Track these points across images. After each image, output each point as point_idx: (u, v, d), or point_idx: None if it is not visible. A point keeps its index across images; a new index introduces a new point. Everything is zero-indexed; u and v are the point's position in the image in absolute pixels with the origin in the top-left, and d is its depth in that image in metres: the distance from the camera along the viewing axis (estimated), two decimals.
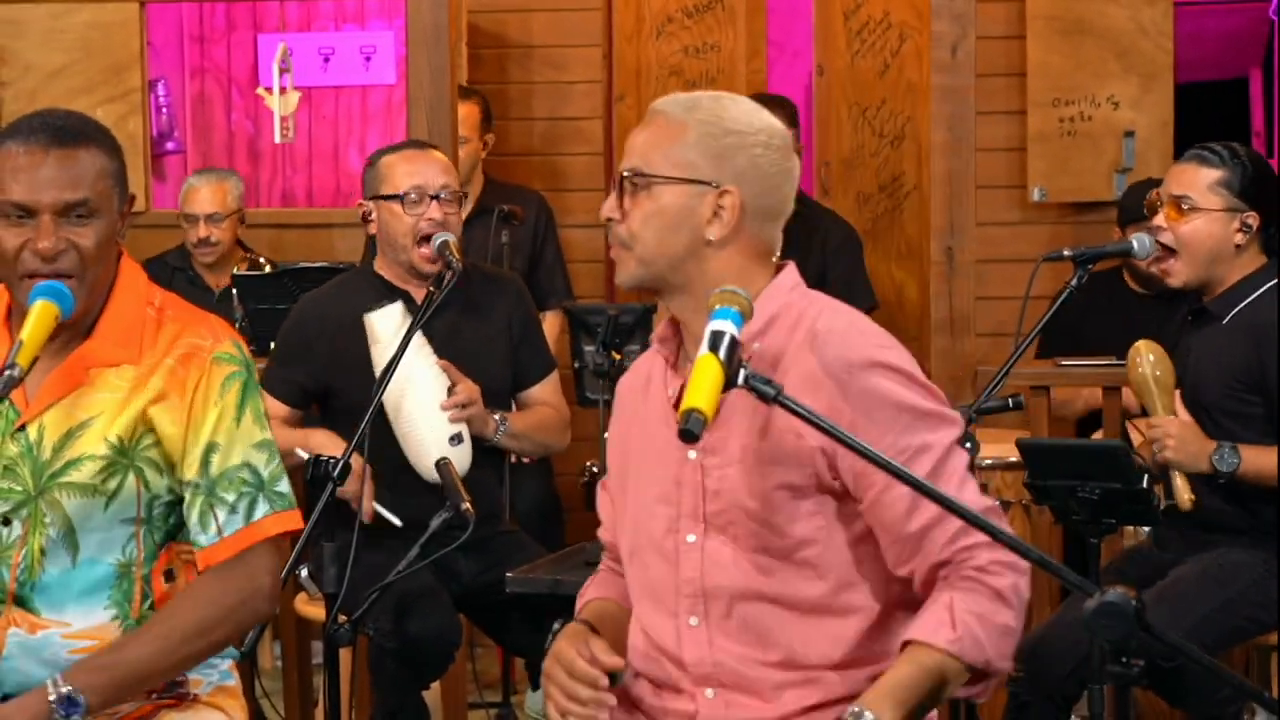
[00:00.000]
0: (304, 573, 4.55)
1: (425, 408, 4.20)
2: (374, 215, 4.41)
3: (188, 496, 2.90)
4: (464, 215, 6.16)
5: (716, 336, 2.51)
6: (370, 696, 4.36)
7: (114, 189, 2.90)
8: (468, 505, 3.86)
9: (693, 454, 2.73)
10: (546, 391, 4.53)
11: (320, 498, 3.73)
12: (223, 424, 2.90)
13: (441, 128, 4.85)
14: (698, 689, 2.75)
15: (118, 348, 2.92)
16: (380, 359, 4.10)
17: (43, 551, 2.88)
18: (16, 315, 2.93)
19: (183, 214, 6.31)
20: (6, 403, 2.88)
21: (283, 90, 6.81)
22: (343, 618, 3.84)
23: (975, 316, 5.42)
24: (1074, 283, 4.11)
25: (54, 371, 2.91)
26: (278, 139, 6.87)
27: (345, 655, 4.32)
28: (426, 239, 4.31)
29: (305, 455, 3.92)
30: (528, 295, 4.65)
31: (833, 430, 2.49)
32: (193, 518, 2.90)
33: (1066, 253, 4.19)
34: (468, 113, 6.14)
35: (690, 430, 2.42)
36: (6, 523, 2.89)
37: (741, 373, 2.48)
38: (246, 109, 8.36)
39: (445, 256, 4.23)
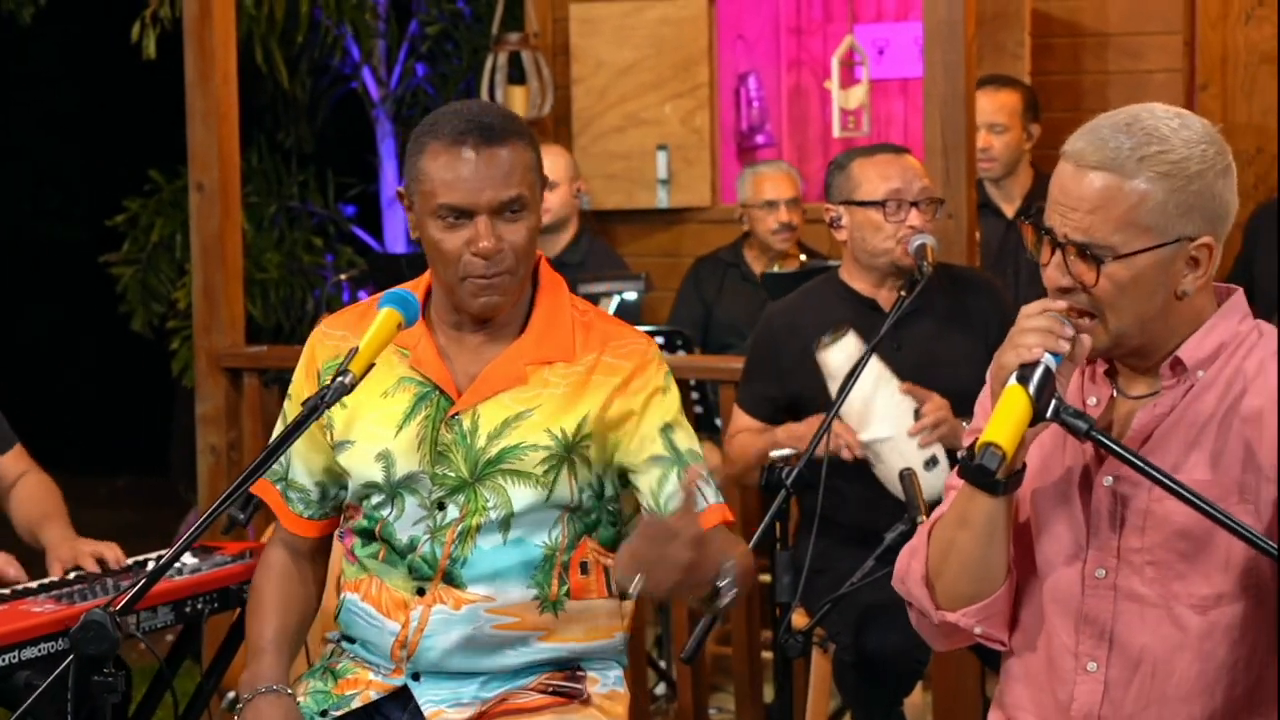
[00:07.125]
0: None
1: (891, 440, 4.07)
2: (844, 221, 4.29)
3: (656, 471, 2.95)
4: (1009, 212, 6.02)
5: (1028, 368, 2.36)
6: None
7: (537, 181, 2.96)
8: (924, 519, 3.75)
9: (1108, 479, 2.54)
10: None
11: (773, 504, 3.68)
12: (674, 411, 3.00)
13: (955, 125, 4.68)
14: None
15: (553, 346, 3.00)
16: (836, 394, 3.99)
17: (477, 529, 2.96)
18: (446, 318, 3.02)
19: (763, 201, 6.30)
20: (438, 393, 2.98)
21: (853, 83, 6.77)
22: (801, 624, 3.79)
23: None
24: None
25: (492, 364, 2.99)
26: (836, 133, 6.82)
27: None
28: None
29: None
30: (1004, 297, 4.42)
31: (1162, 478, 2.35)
32: (667, 488, 2.93)
33: None
34: (1006, 99, 5.99)
35: (985, 466, 2.28)
36: (441, 507, 2.97)
37: (1052, 405, 2.35)
38: None
39: (920, 261, 4.09)
